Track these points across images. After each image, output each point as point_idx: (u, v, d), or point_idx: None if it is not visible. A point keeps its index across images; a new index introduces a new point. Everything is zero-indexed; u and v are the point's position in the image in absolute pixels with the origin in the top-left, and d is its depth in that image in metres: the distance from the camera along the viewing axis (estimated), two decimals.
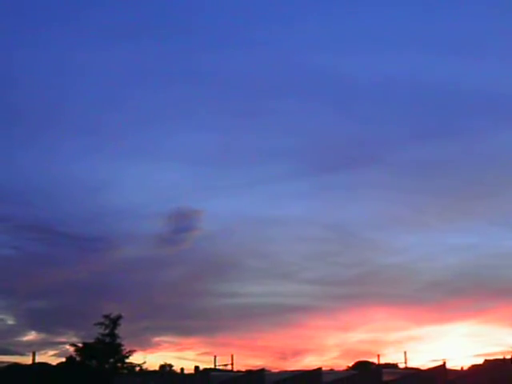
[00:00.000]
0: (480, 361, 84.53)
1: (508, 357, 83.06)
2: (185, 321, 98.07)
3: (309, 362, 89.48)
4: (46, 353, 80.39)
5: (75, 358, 67.39)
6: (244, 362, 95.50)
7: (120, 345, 67.55)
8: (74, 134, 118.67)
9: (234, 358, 74.83)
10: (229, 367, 74.93)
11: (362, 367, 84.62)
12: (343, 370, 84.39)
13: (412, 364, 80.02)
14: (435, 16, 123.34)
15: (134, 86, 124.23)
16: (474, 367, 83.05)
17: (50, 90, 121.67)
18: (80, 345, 67.49)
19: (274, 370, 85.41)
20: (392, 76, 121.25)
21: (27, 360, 63.40)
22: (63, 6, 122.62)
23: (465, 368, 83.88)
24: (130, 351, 68.18)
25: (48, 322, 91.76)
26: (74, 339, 73.36)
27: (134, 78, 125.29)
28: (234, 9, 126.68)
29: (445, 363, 75.79)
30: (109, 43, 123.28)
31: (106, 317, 67.32)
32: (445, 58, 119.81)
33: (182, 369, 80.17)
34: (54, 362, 76.03)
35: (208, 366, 79.29)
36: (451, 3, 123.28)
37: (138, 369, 68.68)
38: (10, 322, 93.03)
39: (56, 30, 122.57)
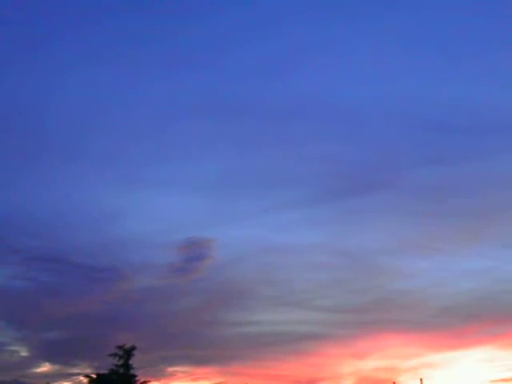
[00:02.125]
0: None
1: None
2: (198, 350, 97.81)
3: None
4: None
5: None
6: None
7: (134, 375, 67.30)
8: (86, 164, 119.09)
9: None
10: None
11: None
12: None
13: None
14: (441, 37, 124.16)
15: (146, 116, 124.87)
16: None
17: (69, 122, 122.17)
18: (94, 376, 67.32)
19: None
20: (402, 100, 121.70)
21: None
22: (65, 24, 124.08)
23: None
24: (144, 382, 67.93)
25: (62, 353, 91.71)
26: (88, 370, 73.38)
27: (147, 103, 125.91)
28: (245, 40, 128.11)
29: None
30: (116, 65, 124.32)
31: (120, 347, 67.15)
32: (454, 81, 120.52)
33: None
34: None
35: None
36: (455, 21, 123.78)
37: None
38: (24, 353, 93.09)
39: (57, 51, 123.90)
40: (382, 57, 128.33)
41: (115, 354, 67.00)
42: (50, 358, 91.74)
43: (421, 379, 77.43)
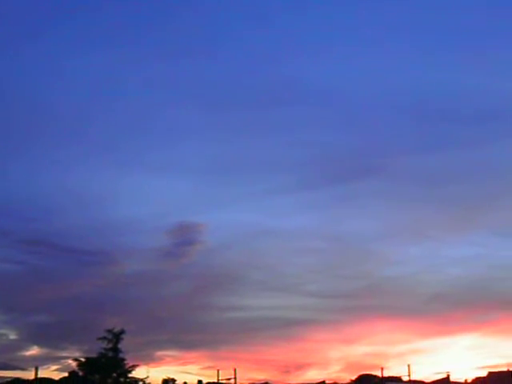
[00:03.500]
0: (484, 373, 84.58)
1: None
2: (187, 335, 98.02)
3: (312, 376, 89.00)
4: (48, 368, 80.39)
5: (78, 373, 67.09)
6: (247, 375, 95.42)
7: (123, 359, 67.20)
8: (78, 148, 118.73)
9: (237, 371, 74.79)
10: (232, 381, 74.84)
11: (366, 380, 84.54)
12: (346, 383, 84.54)
13: (416, 377, 79.99)
14: (438, 29, 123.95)
15: (138, 98, 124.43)
16: (478, 379, 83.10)
17: (63, 107, 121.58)
18: (83, 359, 67.14)
19: None
20: (394, 87, 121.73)
21: (30, 375, 63.45)
22: (60, 11, 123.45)
23: (469, 380, 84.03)
24: (132, 365, 67.83)
25: (50, 337, 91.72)
26: (77, 354, 73.15)
27: (138, 89, 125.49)
28: (241, 27, 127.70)
29: (449, 376, 76.05)
30: (109, 51, 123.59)
31: (109, 331, 66.96)
32: (447, 70, 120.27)
33: (185, 383, 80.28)
34: (57, 376, 76.17)
35: (211, 380, 79.31)
36: (451, 12, 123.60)
37: (140, 383, 68.47)
38: (13, 336, 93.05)
39: (52, 37, 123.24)
40: (376, 44, 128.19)
41: (104, 338, 66.81)
42: (38, 342, 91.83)
43: (408, 365, 77.86)
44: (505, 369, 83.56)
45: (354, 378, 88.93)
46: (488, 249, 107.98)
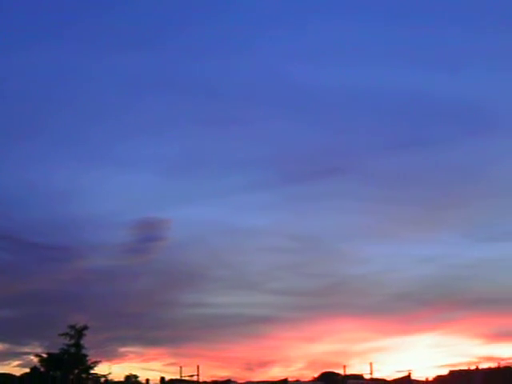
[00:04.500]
0: (445, 371, 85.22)
1: (472, 367, 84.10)
2: (151, 331, 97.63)
3: (275, 373, 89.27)
4: (9, 363, 79.79)
5: (39, 369, 66.82)
6: (210, 372, 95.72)
7: (85, 355, 67.06)
8: (42, 142, 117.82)
9: (200, 368, 74.78)
10: (194, 378, 74.81)
11: (328, 378, 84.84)
12: (309, 381, 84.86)
13: (378, 375, 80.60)
14: (406, 28, 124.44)
15: (102, 92, 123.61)
16: (439, 378, 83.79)
17: (25, 100, 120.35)
18: (44, 355, 66.94)
19: (240, 381, 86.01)
20: (362, 86, 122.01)
21: None
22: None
23: (430, 379, 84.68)
24: (95, 362, 67.75)
25: (12, 332, 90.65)
26: (39, 349, 72.65)
27: (103, 83, 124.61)
28: (209, 21, 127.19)
29: (410, 374, 76.68)
30: (72, 43, 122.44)
31: (72, 327, 66.79)
32: (415, 69, 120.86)
33: (148, 380, 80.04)
34: (18, 372, 75.41)
35: (174, 377, 79.13)
36: (420, 15, 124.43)
37: (103, 379, 68.25)
38: None
39: (11, 27, 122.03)
40: (346, 40, 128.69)
41: (66, 334, 66.66)
42: None
43: (370, 363, 78.41)
44: (465, 367, 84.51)
45: (316, 375, 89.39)
46: (451, 249, 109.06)
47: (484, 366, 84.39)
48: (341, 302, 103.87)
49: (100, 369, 68.57)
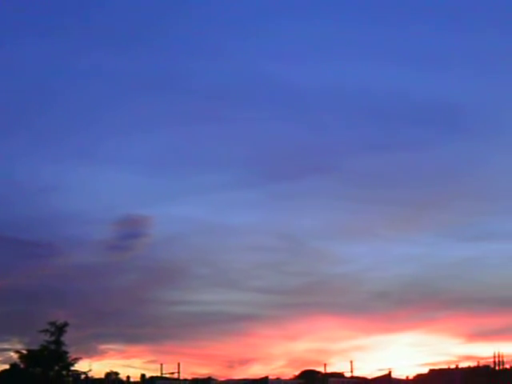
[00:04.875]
0: (425, 370, 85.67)
1: (452, 366, 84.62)
2: (132, 328, 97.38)
3: (256, 371, 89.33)
4: None
5: (19, 365, 66.40)
6: (191, 370, 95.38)
7: (65, 352, 66.59)
8: (25, 138, 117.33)
9: (181, 366, 74.75)
10: (175, 375, 74.78)
11: (309, 376, 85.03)
12: (290, 379, 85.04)
13: (358, 373, 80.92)
14: (386, 29, 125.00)
15: (87, 90, 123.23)
16: (419, 376, 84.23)
17: (9, 95, 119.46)
18: (24, 352, 66.46)
19: (220, 379, 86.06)
20: (343, 86, 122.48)
21: None
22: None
23: (410, 377, 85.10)
24: (75, 359, 67.25)
25: None
26: (19, 346, 72.03)
27: (89, 81, 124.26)
28: (189, 20, 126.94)
29: (390, 372, 77.03)
30: (56, 41, 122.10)
31: (52, 324, 66.36)
32: (397, 70, 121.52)
33: (128, 377, 79.94)
34: None
35: (154, 374, 79.05)
36: (400, 16, 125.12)
37: (83, 376, 67.98)
38: None
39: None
40: (329, 44, 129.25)
41: (47, 330, 66.20)
42: None
43: (351, 361, 78.72)
44: (445, 366, 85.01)
45: (297, 373, 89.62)
46: (432, 248, 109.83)
47: (463, 364, 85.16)
48: (322, 300, 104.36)
49: (80, 366, 68.17)
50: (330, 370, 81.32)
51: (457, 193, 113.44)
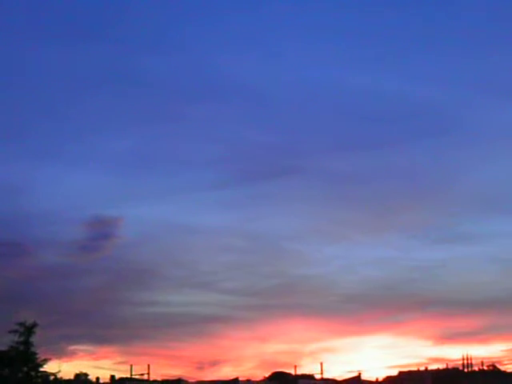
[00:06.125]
0: (394, 372, 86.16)
1: (422, 368, 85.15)
2: (101, 329, 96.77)
3: (226, 373, 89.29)
4: None
5: None
6: (161, 371, 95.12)
7: (34, 353, 65.79)
8: None
9: (151, 367, 74.47)
10: (145, 376, 74.46)
11: (279, 378, 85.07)
12: (260, 381, 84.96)
13: (328, 375, 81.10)
14: (355, 27, 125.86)
15: (54, 90, 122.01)
16: (389, 378, 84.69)
17: None
18: None
19: (191, 380, 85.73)
20: (313, 86, 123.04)
21: None
22: None
23: (380, 379, 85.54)
24: (44, 360, 66.38)
25: None
26: None
27: (54, 80, 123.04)
28: (153, 16, 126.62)
29: (360, 374, 77.38)
30: (34, 46, 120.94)
31: (21, 324, 65.65)
32: (364, 70, 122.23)
33: (98, 378, 79.34)
34: None
35: (124, 376, 78.63)
36: (370, 14, 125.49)
37: (52, 378, 67.32)
38: None
39: None
40: (299, 45, 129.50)
41: (15, 331, 65.56)
42: None
43: (321, 363, 78.90)
44: (415, 368, 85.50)
45: (267, 375, 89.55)
46: (403, 250, 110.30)
47: (433, 367, 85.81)
48: (292, 302, 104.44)
49: (50, 367, 67.25)
50: (300, 371, 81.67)
51: (427, 195, 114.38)
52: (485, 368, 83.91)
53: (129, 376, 75.02)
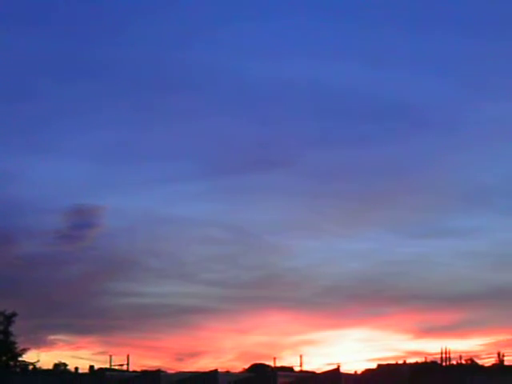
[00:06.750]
0: (373, 365, 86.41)
1: (400, 362, 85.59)
2: (81, 319, 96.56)
3: (205, 364, 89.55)
4: None
5: None
6: (140, 362, 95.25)
7: (13, 343, 66.14)
8: None
9: (130, 358, 74.40)
10: (124, 367, 74.39)
11: (258, 370, 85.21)
12: (239, 372, 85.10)
13: (307, 367, 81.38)
14: (338, 24, 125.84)
15: (37, 79, 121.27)
16: (368, 371, 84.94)
17: None
18: None
19: (170, 371, 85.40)
20: (294, 81, 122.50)
21: None
22: None
23: (358, 372, 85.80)
24: (23, 349, 66.83)
25: None
26: None
27: (37, 71, 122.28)
28: (141, 11, 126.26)
29: (339, 367, 77.43)
30: (12, 31, 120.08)
31: (0, 313, 65.81)
32: (346, 66, 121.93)
33: (77, 368, 79.14)
34: None
35: (103, 366, 78.53)
36: (353, 12, 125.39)
37: (31, 367, 67.37)
38: None
39: None
40: (282, 37, 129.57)
41: None
42: None
43: (300, 356, 79.26)
44: (393, 361, 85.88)
45: (246, 367, 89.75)
46: (382, 244, 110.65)
47: (411, 360, 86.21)
48: (272, 294, 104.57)
49: (28, 356, 67.69)
50: (279, 363, 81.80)
51: (407, 189, 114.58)
52: (463, 362, 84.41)
53: (108, 366, 74.89)
